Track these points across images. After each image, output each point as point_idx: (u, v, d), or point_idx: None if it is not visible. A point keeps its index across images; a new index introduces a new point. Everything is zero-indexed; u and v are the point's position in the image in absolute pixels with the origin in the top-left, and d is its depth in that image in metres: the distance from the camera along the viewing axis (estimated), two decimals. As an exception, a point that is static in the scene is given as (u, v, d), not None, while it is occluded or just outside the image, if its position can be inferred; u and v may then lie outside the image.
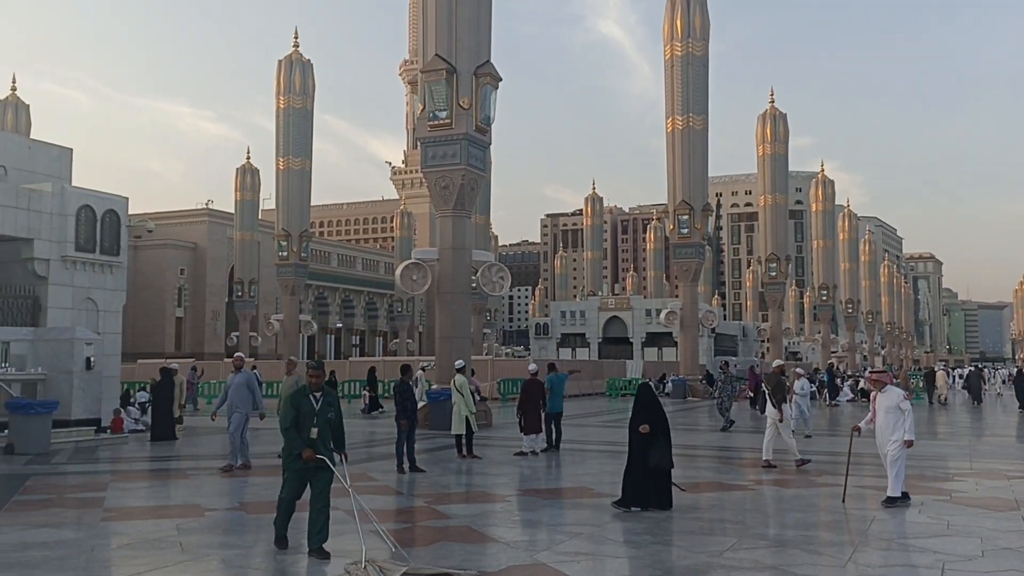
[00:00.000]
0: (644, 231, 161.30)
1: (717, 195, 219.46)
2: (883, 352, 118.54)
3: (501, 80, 26.81)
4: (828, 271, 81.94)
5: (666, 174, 48.13)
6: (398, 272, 26.88)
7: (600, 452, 18.77)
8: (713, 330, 78.33)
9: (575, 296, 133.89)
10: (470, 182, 25.90)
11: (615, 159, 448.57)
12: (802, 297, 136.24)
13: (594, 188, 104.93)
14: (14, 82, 61.37)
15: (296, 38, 57.12)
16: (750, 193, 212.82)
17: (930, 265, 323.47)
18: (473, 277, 27.68)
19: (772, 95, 61.04)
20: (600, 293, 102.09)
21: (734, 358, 67.61)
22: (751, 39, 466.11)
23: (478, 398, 21.82)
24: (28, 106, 61.25)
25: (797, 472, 15.01)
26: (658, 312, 70.70)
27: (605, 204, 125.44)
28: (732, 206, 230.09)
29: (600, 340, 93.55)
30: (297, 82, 56.30)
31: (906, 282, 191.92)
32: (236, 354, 17.50)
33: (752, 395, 33.91)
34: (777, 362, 18.30)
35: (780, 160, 62.67)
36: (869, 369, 25.25)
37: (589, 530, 9.63)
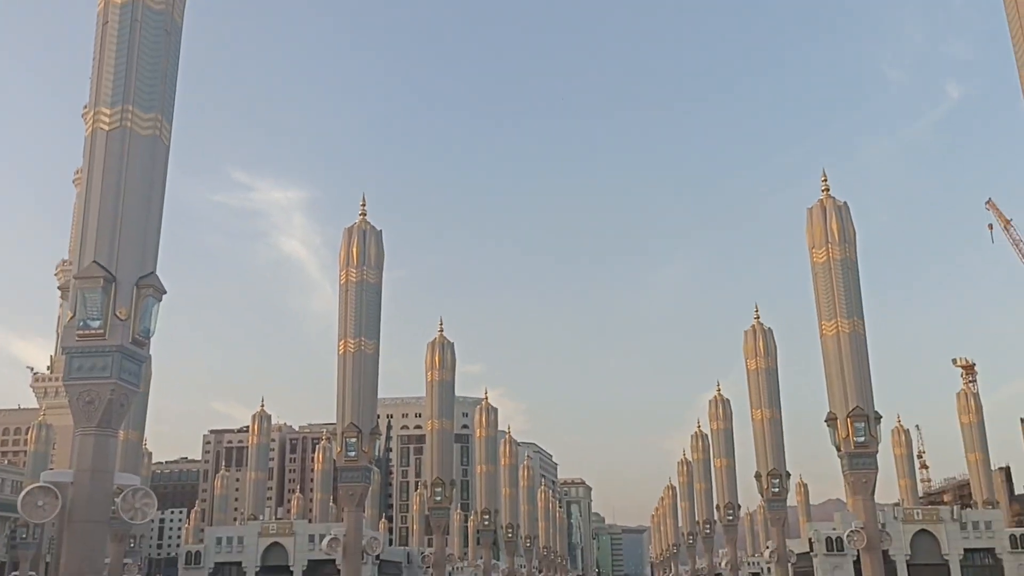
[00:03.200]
0: (314, 451, 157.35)
1: (388, 416, 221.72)
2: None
3: (166, 293, 25.58)
4: (491, 496, 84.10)
5: (336, 395, 47.90)
6: (20, 496, 23.55)
7: None
8: (378, 557, 76.21)
9: (236, 520, 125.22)
10: (120, 398, 23.80)
11: (290, 376, 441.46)
12: (467, 521, 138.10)
13: (263, 405, 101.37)
14: None
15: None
16: (420, 416, 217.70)
17: (581, 490, 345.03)
18: (115, 501, 24.87)
19: (441, 325, 64.07)
20: (262, 517, 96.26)
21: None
22: (429, 270, 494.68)
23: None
24: None
25: None
26: (322, 537, 67.82)
27: (275, 421, 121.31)
28: (403, 428, 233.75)
29: (258, 569, 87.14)
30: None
31: (560, 507, 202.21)
32: None
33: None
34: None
35: (447, 387, 64.95)
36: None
37: None
